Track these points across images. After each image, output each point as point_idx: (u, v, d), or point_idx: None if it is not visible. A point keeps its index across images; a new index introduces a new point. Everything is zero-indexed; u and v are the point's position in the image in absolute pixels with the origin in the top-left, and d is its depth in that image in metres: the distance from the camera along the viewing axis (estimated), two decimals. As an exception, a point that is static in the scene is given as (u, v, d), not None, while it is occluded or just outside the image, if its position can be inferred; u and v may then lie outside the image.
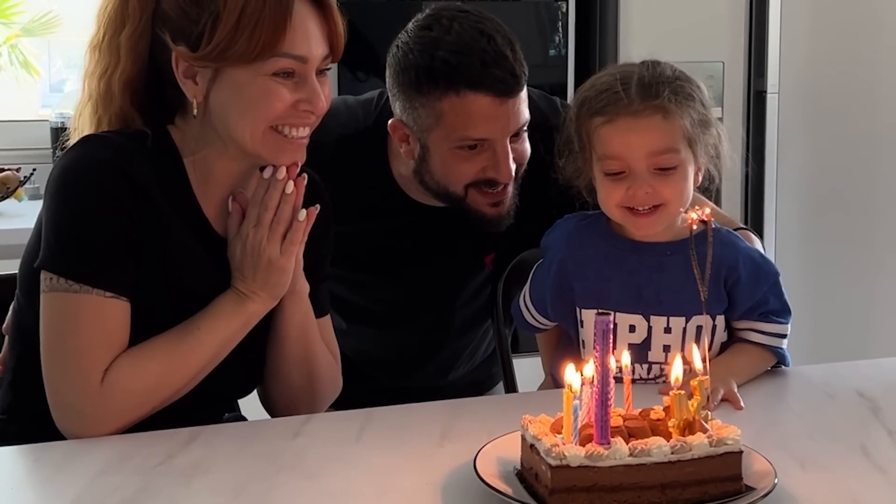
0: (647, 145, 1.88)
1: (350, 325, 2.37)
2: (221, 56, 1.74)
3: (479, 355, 2.49)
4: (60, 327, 1.74)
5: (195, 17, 1.75)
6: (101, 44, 1.82)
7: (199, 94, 1.78)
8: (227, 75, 1.76)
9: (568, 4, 3.91)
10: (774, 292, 1.96)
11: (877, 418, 1.80)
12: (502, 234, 2.21)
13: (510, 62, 1.99)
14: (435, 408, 1.87)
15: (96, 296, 1.72)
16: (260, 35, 1.73)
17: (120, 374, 1.73)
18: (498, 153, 2.03)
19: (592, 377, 1.47)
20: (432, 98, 1.99)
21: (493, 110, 1.99)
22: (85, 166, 1.74)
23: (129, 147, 1.78)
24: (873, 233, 4.15)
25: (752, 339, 1.96)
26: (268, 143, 1.79)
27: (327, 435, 1.75)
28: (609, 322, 1.47)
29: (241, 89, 1.76)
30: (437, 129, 2.02)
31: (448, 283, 2.27)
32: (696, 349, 1.59)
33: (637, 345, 1.94)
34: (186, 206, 1.82)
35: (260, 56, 1.74)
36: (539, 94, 2.28)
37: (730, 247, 1.94)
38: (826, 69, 4.04)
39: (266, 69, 1.75)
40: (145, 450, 1.67)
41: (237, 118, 1.77)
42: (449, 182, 2.07)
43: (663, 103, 1.87)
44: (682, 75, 1.93)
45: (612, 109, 1.89)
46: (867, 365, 2.11)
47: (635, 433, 1.50)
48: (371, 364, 2.42)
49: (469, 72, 1.97)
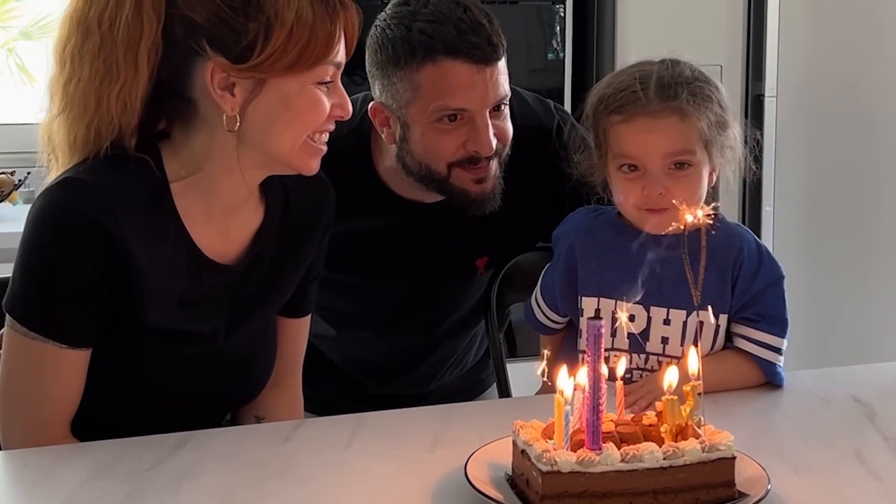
0: (663, 146, 1.88)
1: (339, 330, 2.36)
2: (272, 66, 1.68)
3: (468, 361, 2.48)
4: (16, 368, 1.73)
5: (242, 28, 1.67)
6: (108, 55, 1.69)
7: (237, 106, 1.71)
8: (273, 86, 1.70)
9: (565, 8, 3.91)
10: (775, 294, 1.94)
11: (872, 424, 1.79)
12: (494, 237, 2.20)
13: (487, 30, 1.99)
14: (426, 413, 1.87)
15: (52, 346, 1.70)
16: (315, 44, 1.69)
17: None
18: (478, 124, 2.01)
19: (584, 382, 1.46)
20: (410, 70, 1.99)
21: (470, 78, 1.98)
22: (57, 217, 1.68)
23: (110, 188, 1.70)
24: (871, 237, 4.14)
25: (740, 347, 1.94)
26: (304, 152, 1.76)
27: (318, 440, 1.74)
28: (600, 327, 1.46)
29: (289, 100, 1.71)
30: (416, 103, 2.01)
31: (439, 286, 2.26)
32: (693, 354, 1.57)
33: (635, 335, 1.94)
34: (174, 237, 1.76)
35: (313, 65, 1.70)
36: (533, 96, 2.27)
37: (737, 238, 1.94)
38: (824, 73, 4.04)
39: (313, 77, 1.71)
40: (134, 455, 1.66)
41: (283, 129, 1.73)
42: (431, 160, 2.05)
43: (681, 104, 1.87)
44: (701, 76, 1.92)
45: (630, 109, 1.89)
46: (863, 370, 2.10)
47: (627, 439, 1.49)
48: (359, 370, 2.41)
49: (445, 38, 1.97)
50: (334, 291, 2.26)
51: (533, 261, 2.25)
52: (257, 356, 1.93)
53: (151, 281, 1.73)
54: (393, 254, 2.21)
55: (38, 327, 1.70)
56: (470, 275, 2.26)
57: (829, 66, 4.04)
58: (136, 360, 1.78)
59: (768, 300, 1.92)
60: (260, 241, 1.86)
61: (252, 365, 1.93)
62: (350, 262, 2.20)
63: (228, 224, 1.83)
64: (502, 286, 2.27)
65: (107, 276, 1.70)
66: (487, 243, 2.23)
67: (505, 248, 2.25)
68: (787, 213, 4.05)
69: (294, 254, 1.92)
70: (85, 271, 1.68)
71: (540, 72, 3.95)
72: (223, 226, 1.82)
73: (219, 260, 1.81)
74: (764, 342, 1.91)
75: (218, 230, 1.81)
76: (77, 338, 1.72)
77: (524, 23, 3.93)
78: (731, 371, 1.92)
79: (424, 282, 2.24)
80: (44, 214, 1.69)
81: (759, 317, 1.92)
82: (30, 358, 1.71)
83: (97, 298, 1.71)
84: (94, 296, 1.70)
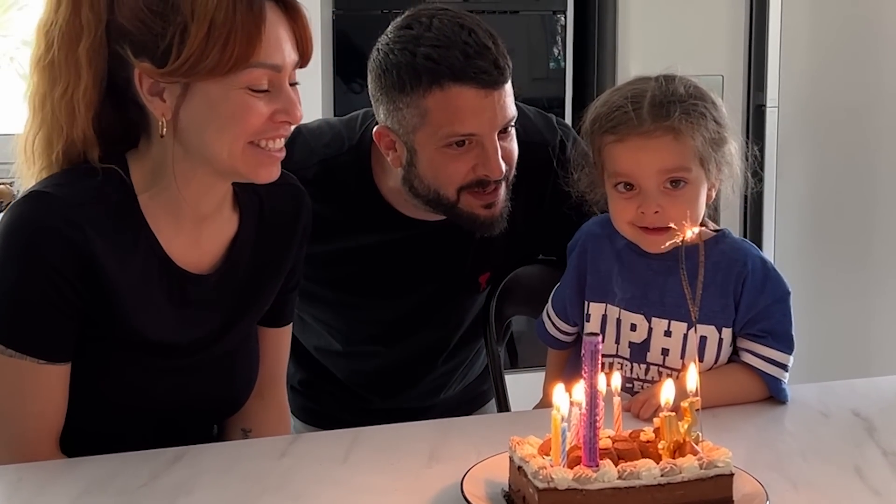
0: (656, 164, 1.87)
1: (344, 346, 2.35)
2: (192, 70, 1.64)
3: (473, 372, 2.47)
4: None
5: (160, 30, 1.65)
6: (54, 60, 1.70)
7: (168, 112, 1.68)
8: (198, 90, 1.67)
9: (567, 17, 3.90)
10: (781, 310, 1.92)
11: (872, 439, 1.78)
12: (497, 253, 2.19)
13: (493, 53, 1.97)
14: (423, 428, 1.86)
15: (30, 362, 1.69)
16: (234, 46, 1.64)
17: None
18: (487, 148, 1.99)
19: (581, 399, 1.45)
20: (416, 96, 1.97)
21: (478, 103, 1.97)
22: (26, 232, 1.66)
23: (77, 200, 1.68)
24: (872, 249, 4.14)
25: (745, 361, 1.93)
26: (247, 158, 1.71)
27: (314, 455, 1.73)
28: (597, 343, 1.46)
29: (215, 105, 1.67)
30: (424, 128, 1.99)
31: (442, 303, 2.25)
32: (692, 370, 1.57)
33: (637, 344, 1.94)
34: (145, 249, 1.74)
35: (234, 68, 1.65)
36: (535, 111, 2.26)
37: (741, 253, 1.93)
38: (826, 83, 4.04)
39: (240, 81, 1.66)
40: (129, 470, 1.65)
41: (214, 135, 1.69)
42: (440, 185, 2.04)
43: (674, 124, 1.86)
44: (696, 93, 1.91)
45: (623, 129, 1.88)
46: (863, 384, 2.08)
47: (624, 455, 1.49)
48: (363, 385, 2.40)
49: (452, 64, 1.94)
50: (337, 310, 2.26)
51: (532, 273, 2.24)
52: (239, 367, 1.92)
53: (125, 293, 1.72)
54: (396, 272, 2.19)
55: (14, 344, 1.68)
56: (473, 290, 2.25)
57: (831, 76, 4.04)
58: (116, 372, 1.77)
59: (774, 317, 1.91)
60: (235, 250, 1.84)
61: (234, 376, 1.91)
62: (352, 281, 2.19)
63: (200, 234, 1.81)
64: (501, 299, 2.26)
65: (77, 289, 1.68)
66: (490, 260, 2.22)
67: (508, 263, 2.24)
68: (788, 224, 4.05)
69: (271, 262, 1.90)
70: (55, 284, 1.67)
71: (542, 81, 3.95)
72: (195, 235, 1.80)
73: (193, 270, 1.80)
74: (770, 358, 1.90)
75: (190, 240, 1.80)
76: (54, 352, 1.70)
77: (526, 32, 3.93)
78: (735, 385, 1.91)
79: (428, 299, 2.23)
80: (11, 229, 1.68)
81: (765, 333, 1.91)
82: (8, 375, 1.70)
83: (70, 311, 1.69)
84: (67, 309, 1.69)
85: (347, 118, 2.22)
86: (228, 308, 1.86)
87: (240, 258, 1.85)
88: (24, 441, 1.72)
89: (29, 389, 1.70)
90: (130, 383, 1.78)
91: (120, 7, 1.67)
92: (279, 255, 1.91)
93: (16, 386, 1.70)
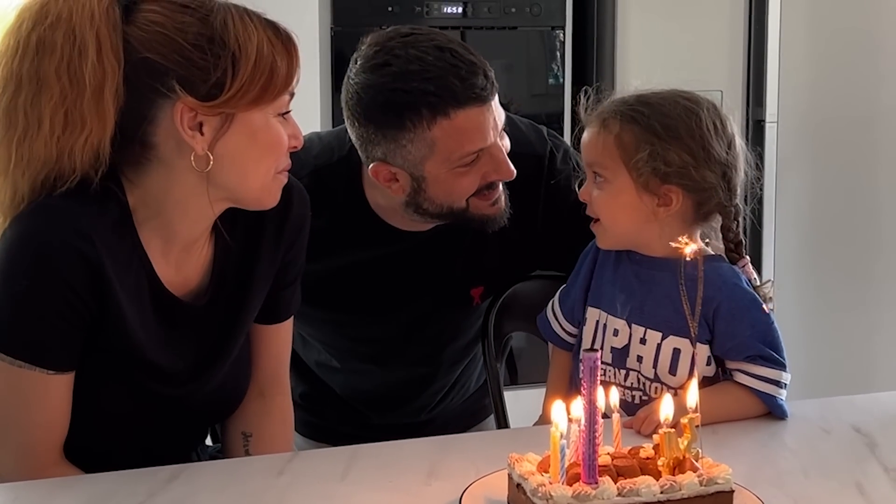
0: (585, 153, 1.98)
1: (341, 362, 2.34)
2: (240, 101, 1.67)
3: (471, 385, 2.46)
4: (4, 397, 1.71)
5: (209, 65, 1.65)
6: (61, 103, 1.65)
7: (206, 145, 1.69)
8: (241, 121, 1.69)
9: (565, 33, 3.91)
10: (763, 340, 1.91)
11: (873, 454, 1.77)
12: (489, 266, 2.19)
13: (479, 66, 1.97)
14: (422, 444, 1.85)
15: (39, 373, 1.69)
16: (277, 76, 1.69)
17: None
18: (495, 155, 2.01)
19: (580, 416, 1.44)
20: (420, 130, 1.96)
21: (482, 118, 1.98)
22: (35, 244, 1.66)
23: (83, 212, 1.68)
24: (873, 263, 4.13)
25: (739, 381, 1.92)
26: (273, 186, 1.77)
27: (312, 473, 1.72)
28: (596, 359, 1.45)
29: (256, 134, 1.70)
30: (433, 157, 1.99)
31: (434, 318, 2.24)
32: (692, 385, 1.56)
33: (618, 349, 1.97)
34: (137, 268, 1.74)
35: (277, 96, 1.70)
36: (527, 122, 2.26)
37: (719, 279, 1.91)
38: (825, 98, 4.04)
39: (275, 109, 1.72)
40: (126, 488, 1.64)
41: (254, 164, 1.72)
42: (453, 200, 2.04)
43: (603, 115, 1.95)
44: (658, 103, 1.93)
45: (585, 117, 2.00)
46: (864, 399, 2.08)
47: (624, 472, 1.48)
48: (360, 401, 2.39)
49: (452, 91, 1.94)
50: (331, 329, 2.26)
51: (531, 289, 2.23)
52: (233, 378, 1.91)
53: (124, 307, 1.72)
54: (385, 287, 2.19)
55: (23, 355, 1.68)
56: (465, 305, 2.24)
57: (830, 90, 4.04)
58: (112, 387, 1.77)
59: (756, 346, 1.90)
60: (217, 272, 1.84)
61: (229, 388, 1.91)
62: (343, 299, 2.18)
63: (185, 259, 1.81)
64: (500, 315, 2.25)
65: (85, 300, 1.68)
66: (482, 272, 2.21)
67: (501, 277, 2.23)
68: (788, 238, 4.04)
69: (256, 267, 1.88)
70: (65, 296, 1.67)
71: (541, 96, 3.95)
72: (181, 260, 1.80)
73: (180, 295, 1.80)
74: (763, 376, 1.89)
75: (177, 266, 1.80)
76: (61, 363, 1.71)
77: (525, 48, 3.93)
78: (734, 402, 1.91)
79: (419, 314, 2.22)
80: (20, 243, 1.67)
81: (753, 357, 1.90)
82: (16, 386, 1.70)
83: (78, 322, 1.69)
84: (76, 319, 1.69)
85: (337, 130, 2.22)
86: (221, 331, 1.86)
87: (225, 277, 1.85)
88: (29, 451, 1.72)
89: (36, 400, 1.70)
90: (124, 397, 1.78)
91: (147, 44, 1.66)
92: (269, 255, 1.89)
93: (23, 396, 1.70)
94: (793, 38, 3.96)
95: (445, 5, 3.78)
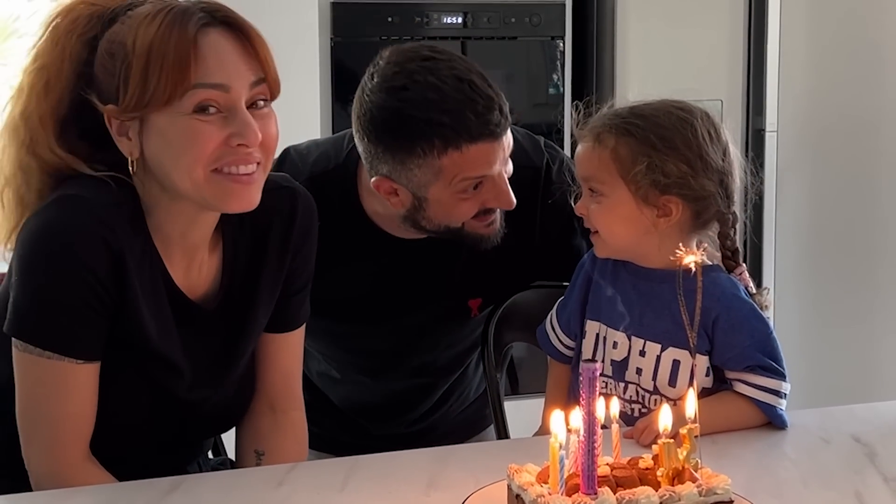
0: (580, 168, 1.98)
1: (341, 374, 2.34)
2: (140, 103, 1.65)
3: (470, 394, 2.46)
4: (34, 390, 1.71)
5: (112, 70, 1.68)
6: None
7: (135, 149, 1.70)
8: (151, 124, 1.68)
9: (565, 44, 3.91)
10: (763, 350, 1.91)
11: (873, 464, 1.77)
12: (487, 277, 2.19)
13: (496, 101, 1.96)
14: (421, 455, 1.84)
15: (68, 362, 1.69)
16: (168, 71, 1.64)
17: (87, 477, 1.72)
18: (498, 184, 2.01)
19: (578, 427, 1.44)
20: (430, 157, 1.95)
21: (492, 152, 1.97)
22: (60, 234, 1.67)
23: (104, 201, 1.70)
24: (874, 272, 4.13)
25: (738, 391, 1.91)
26: (213, 187, 1.70)
27: (312, 484, 1.72)
28: (595, 370, 1.45)
29: (165, 134, 1.67)
30: (438, 183, 1.99)
31: (431, 328, 2.24)
32: (691, 395, 1.56)
33: (617, 362, 1.97)
34: (154, 263, 1.76)
35: (174, 94, 1.65)
36: (524, 133, 2.26)
37: (717, 289, 1.90)
38: (825, 107, 4.04)
39: (184, 107, 1.65)
40: (126, 499, 1.65)
41: (172, 166, 1.69)
42: (450, 221, 2.05)
43: (597, 130, 1.94)
44: (652, 115, 1.93)
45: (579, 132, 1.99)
46: (863, 409, 2.08)
47: (623, 483, 1.48)
48: (359, 412, 2.40)
49: (468, 127, 1.93)
50: (328, 338, 2.25)
51: (531, 300, 2.23)
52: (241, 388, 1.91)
53: (140, 298, 1.73)
54: (382, 297, 2.19)
55: (52, 345, 1.69)
56: (463, 316, 2.24)
57: (830, 100, 4.04)
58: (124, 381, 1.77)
59: (755, 357, 1.90)
60: (226, 278, 1.85)
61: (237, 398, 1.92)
62: (340, 308, 2.18)
63: (191, 263, 1.82)
64: (500, 325, 2.25)
65: (108, 287, 1.69)
66: (480, 283, 2.21)
67: (499, 288, 2.23)
68: (789, 247, 4.04)
69: (263, 273, 1.87)
70: (91, 285, 1.68)
71: (541, 106, 3.95)
72: (186, 265, 1.81)
73: (190, 296, 1.81)
74: (762, 385, 1.89)
75: (184, 271, 1.81)
76: (89, 352, 1.71)
77: (525, 58, 3.93)
78: (734, 411, 1.90)
79: (417, 324, 2.22)
80: (43, 233, 1.68)
81: (754, 366, 1.90)
82: (46, 378, 1.70)
83: (102, 310, 1.70)
84: (100, 307, 1.70)
85: (334, 137, 2.22)
86: (228, 338, 1.86)
87: (233, 284, 1.85)
88: (59, 445, 1.72)
89: (66, 390, 1.70)
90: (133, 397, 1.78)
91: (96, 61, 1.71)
92: (276, 262, 1.89)
93: (52, 388, 1.70)
94: (792, 48, 3.96)
95: (446, 16, 3.79)
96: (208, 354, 1.84)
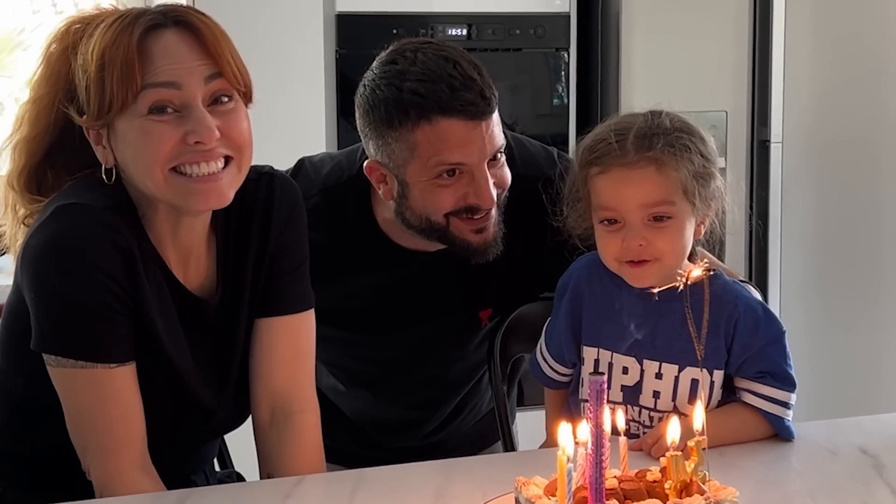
0: (640, 196, 1.86)
1: (347, 387, 2.34)
2: (102, 111, 1.69)
3: (482, 407, 2.46)
4: (76, 402, 1.72)
5: (81, 83, 1.71)
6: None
7: (109, 157, 1.74)
8: (116, 130, 1.71)
9: (570, 55, 3.92)
10: (776, 350, 1.90)
11: (880, 476, 1.77)
12: (497, 288, 2.19)
13: (478, 84, 1.98)
14: (429, 468, 1.84)
15: (101, 369, 1.69)
16: (118, 75, 1.66)
17: (135, 486, 1.72)
18: (477, 178, 2.01)
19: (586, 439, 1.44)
20: (405, 130, 1.98)
21: (466, 134, 1.98)
22: (73, 243, 1.69)
23: (102, 204, 1.72)
24: (879, 283, 4.12)
25: (747, 401, 1.91)
26: (173, 187, 1.71)
27: (319, 496, 1.72)
28: (602, 382, 1.45)
29: (126, 138, 1.71)
30: (413, 161, 2.00)
31: (442, 339, 2.24)
32: (698, 408, 1.56)
33: (629, 387, 1.94)
34: (156, 262, 1.77)
35: (127, 97, 1.67)
36: (538, 145, 2.26)
37: (731, 294, 1.91)
38: (830, 118, 4.03)
39: (140, 110, 1.68)
40: (133, 513, 1.65)
41: (135, 169, 1.72)
42: (430, 212, 2.04)
43: (657, 154, 1.85)
44: (683, 126, 1.91)
45: (606, 160, 1.89)
46: (870, 420, 2.07)
47: (631, 495, 1.48)
48: (370, 425, 2.40)
49: (438, 97, 1.96)
50: (338, 348, 2.25)
51: (537, 311, 2.23)
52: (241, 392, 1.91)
53: (149, 301, 1.74)
54: (393, 308, 2.19)
55: (83, 354, 1.69)
56: (473, 327, 2.25)
57: (835, 111, 4.03)
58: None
59: (770, 358, 1.90)
60: (220, 274, 1.85)
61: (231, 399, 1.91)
62: (351, 319, 2.18)
63: (187, 261, 1.83)
64: (506, 337, 2.25)
65: (124, 286, 1.70)
66: (491, 295, 2.21)
67: (510, 299, 2.24)
68: (794, 259, 4.04)
69: (248, 258, 1.87)
70: (109, 287, 1.69)
71: (545, 117, 3.95)
72: (182, 262, 1.82)
73: (193, 290, 1.82)
74: (771, 396, 1.89)
75: (181, 268, 1.82)
76: (120, 354, 1.71)
77: (529, 69, 3.93)
78: (741, 424, 1.90)
79: (427, 335, 2.23)
80: (51, 245, 1.69)
81: (764, 373, 1.90)
82: (84, 387, 1.70)
83: (123, 310, 1.71)
84: (120, 307, 1.71)
85: (348, 150, 2.24)
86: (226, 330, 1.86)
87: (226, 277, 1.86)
88: (112, 452, 1.72)
89: (105, 396, 1.71)
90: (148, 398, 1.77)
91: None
92: (259, 244, 1.88)
93: (93, 396, 1.70)
94: (797, 59, 3.96)
95: (450, 28, 3.79)
96: (211, 352, 1.84)
